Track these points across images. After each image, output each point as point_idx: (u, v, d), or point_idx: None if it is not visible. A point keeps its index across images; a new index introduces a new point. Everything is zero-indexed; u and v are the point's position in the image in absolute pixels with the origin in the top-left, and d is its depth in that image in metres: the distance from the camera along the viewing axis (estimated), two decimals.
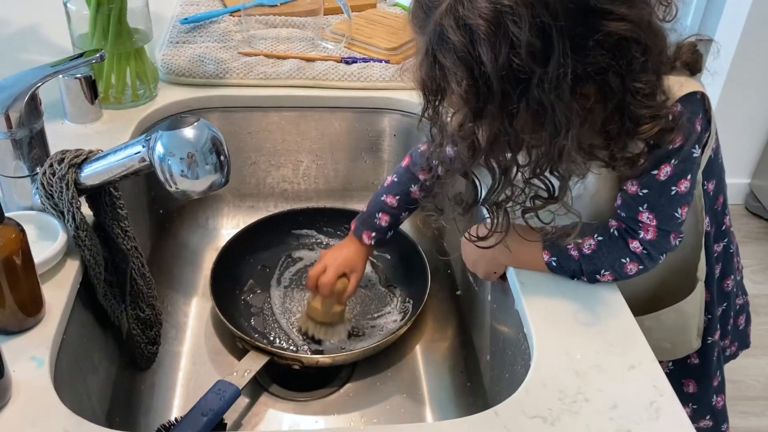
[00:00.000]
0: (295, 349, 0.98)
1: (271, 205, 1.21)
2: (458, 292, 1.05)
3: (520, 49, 0.60)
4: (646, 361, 0.70)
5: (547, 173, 0.69)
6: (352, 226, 1.00)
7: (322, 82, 1.13)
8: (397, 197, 0.97)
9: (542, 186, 0.70)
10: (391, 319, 1.03)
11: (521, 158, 0.69)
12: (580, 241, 0.77)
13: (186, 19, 1.25)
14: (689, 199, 0.76)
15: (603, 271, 0.77)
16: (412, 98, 1.10)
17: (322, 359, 0.95)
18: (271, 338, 0.99)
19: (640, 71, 0.66)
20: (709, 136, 0.77)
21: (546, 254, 0.78)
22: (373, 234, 0.98)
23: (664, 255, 0.78)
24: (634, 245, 0.76)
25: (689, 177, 0.75)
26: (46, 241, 0.77)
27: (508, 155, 0.68)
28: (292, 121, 1.15)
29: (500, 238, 0.75)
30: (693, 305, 0.87)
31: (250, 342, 0.93)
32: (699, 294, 0.87)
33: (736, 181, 2.49)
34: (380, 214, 0.98)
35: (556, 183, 0.70)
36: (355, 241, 0.99)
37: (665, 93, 0.70)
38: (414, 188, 0.97)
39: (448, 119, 0.70)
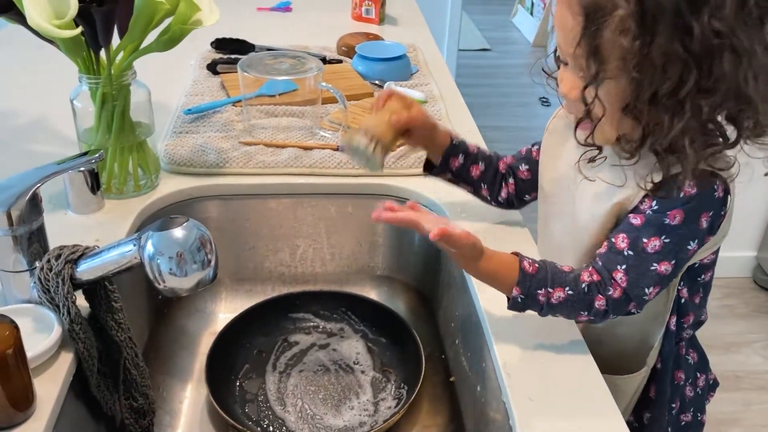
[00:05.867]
0: None
1: (268, 288, 1.23)
2: (452, 379, 1.05)
3: None
4: None
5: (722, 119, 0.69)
6: None
7: (318, 170, 1.17)
8: (493, 152, 1.00)
9: (717, 131, 0.70)
10: (386, 405, 1.03)
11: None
12: (551, 290, 0.77)
13: (189, 110, 1.30)
14: (665, 283, 0.77)
15: (558, 315, 0.80)
16: (405, 185, 1.15)
17: None
18: (265, 425, 1.00)
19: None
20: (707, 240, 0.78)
21: (517, 290, 0.78)
22: (456, 140, 0.96)
23: (616, 317, 0.79)
24: (600, 303, 0.77)
25: (673, 262, 0.75)
26: (41, 333, 0.78)
27: (686, 87, 0.66)
28: (289, 207, 1.19)
29: (686, 185, 0.72)
30: (630, 386, 0.86)
31: (243, 431, 0.93)
32: (641, 377, 0.87)
33: (743, 254, 2.49)
34: (471, 144, 0.98)
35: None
36: None
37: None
38: (498, 161, 1.00)
39: (614, 37, 0.67)
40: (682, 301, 0.85)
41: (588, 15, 0.68)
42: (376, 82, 1.47)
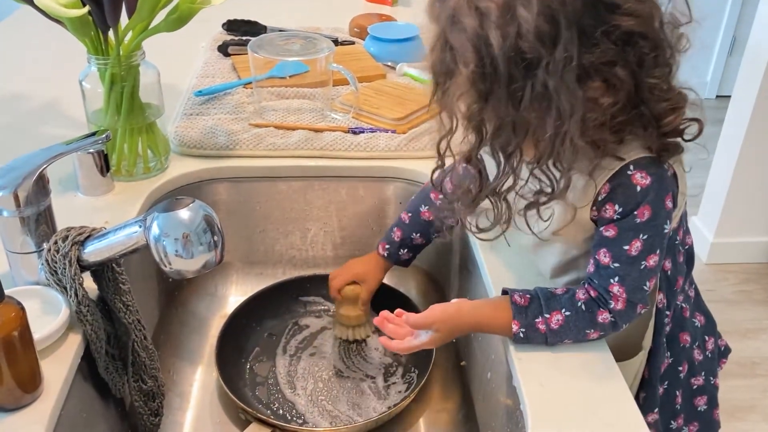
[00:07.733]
0: (299, 421, 0.97)
1: (279, 271, 1.23)
2: (462, 363, 1.04)
3: (528, 32, 0.63)
4: None
5: (551, 167, 0.71)
6: None
7: (329, 152, 1.16)
8: (409, 214, 1.03)
9: (546, 181, 0.72)
10: (396, 389, 1.03)
11: (527, 152, 0.71)
12: (547, 316, 0.77)
13: (200, 91, 1.29)
14: (657, 271, 0.77)
15: (565, 340, 0.78)
16: (416, 167, 1.14)
17: None
18: (275, 409, 0.99)
19: (653, 66, 0.67)
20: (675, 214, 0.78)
21: (516, 324, 0.78)
22: (387, 246, 1.04)
23: (627, 324, 0.78)
24: (603, 316, 0.77)
25: (658, 252, 0.76)
26: (49, 315, 0.78)
27: (513, 143, 0.69)
28: (299, 190, 1.18)
29: (501, 231, 0.78)
30: (629, 371, 0.85)
31: (252, 413, 0.93)
32: (639, 361, 0.86)
33: (760, 239, 2.45)
34: (395, 228, 1.04)
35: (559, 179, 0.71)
36: (375, 252, 1.06)
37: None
38: (424, 208, 1.01)
39: (456, 102, 0.71)
40: (668, 273, 0.84)
41: (434, 76, 0.71)
42: (389, 63, 1.45)
